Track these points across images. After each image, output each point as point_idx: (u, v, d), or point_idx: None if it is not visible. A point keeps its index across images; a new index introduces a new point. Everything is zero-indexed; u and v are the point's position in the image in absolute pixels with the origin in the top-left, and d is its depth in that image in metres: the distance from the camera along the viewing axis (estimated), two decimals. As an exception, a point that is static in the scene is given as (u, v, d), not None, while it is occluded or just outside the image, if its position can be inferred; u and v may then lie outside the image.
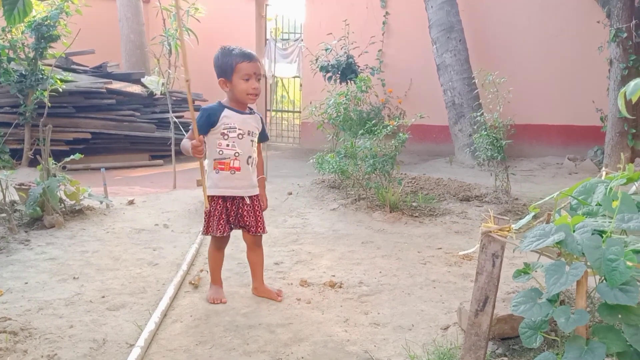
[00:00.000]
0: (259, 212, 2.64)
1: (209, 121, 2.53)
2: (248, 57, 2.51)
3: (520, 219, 1.59)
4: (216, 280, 2.69)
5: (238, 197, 2.58)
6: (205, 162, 2.59)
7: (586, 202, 1.56)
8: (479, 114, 5.05)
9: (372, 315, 2.51)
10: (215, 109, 2.55)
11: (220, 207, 2.57)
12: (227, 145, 2.53)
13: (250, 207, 2.61)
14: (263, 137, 2.72)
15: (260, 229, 2.66)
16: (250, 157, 2.58)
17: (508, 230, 1.60)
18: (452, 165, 7.55)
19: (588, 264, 1.30)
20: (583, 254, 1.30)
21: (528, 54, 8.23)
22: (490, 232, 1.58)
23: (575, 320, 1.28)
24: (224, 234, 2.58)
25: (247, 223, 2.61)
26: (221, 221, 2.56)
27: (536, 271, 1.52)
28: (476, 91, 7.12)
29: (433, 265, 3.22)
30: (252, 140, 2.60)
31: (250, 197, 2.60)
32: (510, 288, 2.67)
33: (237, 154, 2.53)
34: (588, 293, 1.37)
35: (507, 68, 7.04)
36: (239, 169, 2.54)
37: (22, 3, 2.09)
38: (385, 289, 2.84)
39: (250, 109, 2.65)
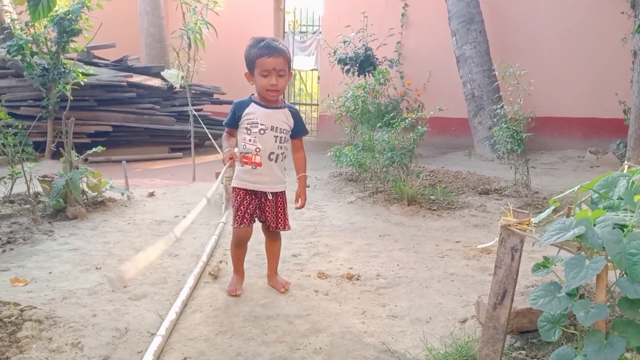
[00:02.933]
0: (282, 209, 2.62)
1: (234, 117, 2.55)
2: (269, 51, 2.41)
3: (540, 212, 1.58)
4: (237, 270, 2.72)
5: (260, 191, 2.57)
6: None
7: (607, 195, 1.54)
8: (499, 106, 5.00)
9: (390, 308, 2.52)
10: (243, 103, 2.55)
11: (240, 198, 2.57)
12: (250, 140, 2.51)
13: (272, 204, 2.59)
14: (299, 131, 2.64)
15: (281, 226, 2.64)
16: (272, 152, 2.53)
17: (527, 224, 1.59)
18: (471, 158, 7.49)
19: (608, 258, 1.29)
20: (603, 248, 1.29)
21: (550, 46, 8.09)
22: (510, 225, 1.57)
23: (595, 314, 1.27)
24: (242, 226, 2.56)
25: (268, 218, 2.61)
26: (239, 213, 2.56)
27: (555, 265, 1.51)
28: (496, 83, 7.04)
29: (451, 259, 3.21)
30: (276, 137, 2.53)
31: (273, 193, 2.58)
32: (529, 282, 2.66)
33: (258, 150, 2.50)
34: (608, 287, 1.35)
35: (528, 60, 6.96)
36: (260, 165, 2.52)
37: (46, -2, 2.13)
38: (403, 281, 2.85)
39: (283, 103, 2.60)
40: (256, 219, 2.63)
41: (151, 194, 4.83)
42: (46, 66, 6.82)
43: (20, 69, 6.93)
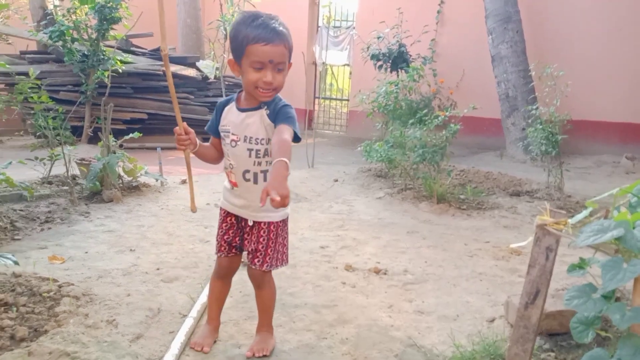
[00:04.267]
0: (264, 242, 1.93)
1: (212, 122, 2.00)
2: (267, 36, 1.73)
3: (573, 216, 1.57)
4: (210, 317, 2.12)
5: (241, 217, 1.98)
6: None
7: (648, 199, 1.51)
8: (534, 107, 4.93)
9: (417, 303, 2.52)
10: (223, 103, 1.98)
11: (220, 220, 2.03)
12: (226, 154, 1.95)
13: (252, 234, 1.95)
14: (280, 119, 1.80)
15: (258, 262, 1.94)
16: (247, 171, 1.88)
17: (564, 224, 1.58)
18: (503, 159, 7.39)
19: (647, 261, 1.27)
20: (643, 251, 1.27)
21: (588, 47, 7.90)
22: (546, 224, 1.56)
23: (631, 317, 1.26)
24: (220, 254, 2.03)
25: (247, 249, 1.98)
26: (217, 238, 2.04)
27: (591, 267, 1.50)
28: (532, 84, 6.91)
29: (480, 258, 3.20)
30: (250, 150, 1.85)
31: (254, 221, 1.94)
32: (559, 285, 2.63)
33: (231, 166, 1.92)
34: (646, 291, 1.34)
35: (565, 61, 6.80)
36: (236, 185, 1.93)
37: (94, -15, 2.19)
38: (431, 278, 2.85)
39: (268, 101, 1.86)
40: (239, 249, 2.04)
41: (184, 181, 4.92)
42: (86, 52, 7.00)
43: (61, 55, 7.13)
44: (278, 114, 1.81)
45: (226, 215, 2.00)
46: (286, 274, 2.80)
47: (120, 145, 4.52)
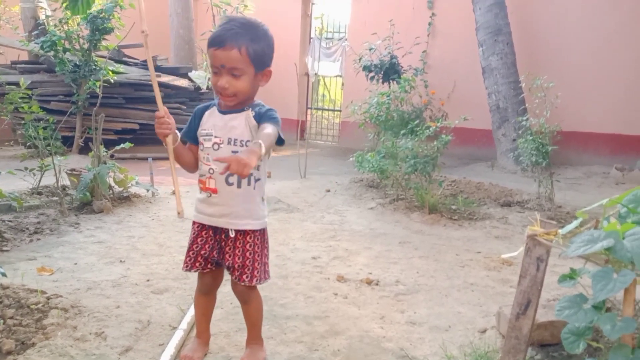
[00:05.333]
0: (250, 254, 1.87)
1: (189, 126, 1.94)
2: (214, 41, 1.74)
3: (563, 226, 1.58)
4: (199, 331, 2.07)
5: (220, 227, 1.89)
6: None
7: (636, 210, 1.53)
8: (524, 118, 4.97)
9: (409, 314, 2.51)
10: (202, 108, 1.94)
11: (194, 235, 1.94)
12: (203, 158, 1.87)
13: (235, 245, 1.87)
14: (265, 119, 1.78)
15: (247, 277, 1.87)
16: (232, 174, 1.80)
17: (554, 235, 1.58)
18: (494, 169, 7.43)
19: (637, 271, 1.28)
20: (632, 261, 1.28)
21: (578, 59, 8.00)
22: (536, 235, 1.57)
23: (622, 327, 1.26)
24: (193, 270, 1.95)
25: (229, 264, 1.89)
26: (190, 253, 1.94)
27: (581, 277, 1.50)
28: (522, 95, 6.98)
29: (471, 269, 3.20)
30: (235, 152, 1.77)
31: (236, 230, 1.86)
32: (550, 295, 2.63)
33: (211, 171, 1.84)
34: (636, 301, 1.34)
35: (555, 73, 6.87)
36: (215, 191, 1.85)
37: (86, -5, 2.20)
38: (422, 289, 2.84)
39: (252, 104, 1.84)
40: (215, 263, 1.96)
41: (174, 192, 4.89)
42: (78, 63, 6.99)
43: (53, 65, 7.11)
44: (263, 116, 1.79)
45: (201, 229, 1.92)
46: (278, 285, 2.79)
47: (111, 156, 4.50)
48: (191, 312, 2.30)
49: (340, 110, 10.47)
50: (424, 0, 8.93)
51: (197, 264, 1.94)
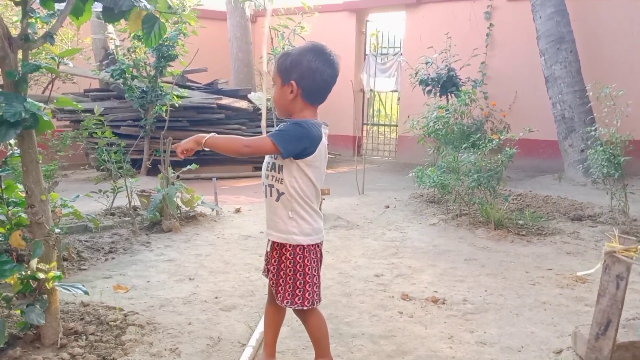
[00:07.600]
0: (283, 274, 1.86)
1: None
2: None
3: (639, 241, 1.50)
4: (265, 345, 2.07)
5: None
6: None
7: None
8: (593, 128, 4.76)
9: (478, 334, 2.45)
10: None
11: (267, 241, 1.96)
12: None
13: (272, 258, 1.90)
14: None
15: (280, 297, 1.87)
16: (271, 186, 1.86)
17: (634, 251, 1.51)
18: (561, 182, 7.13)
19: None
20: None
21: (648, 65, 7.59)
22: (615, 252, 1.50)
23: None
24: (263, 273, 2.01)
25: (269, 278, 1.94)
26: (265, 258, 2.01)
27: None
28: (589, 105, 6.69)
29: (543, 287, 3.07)
30: (268, 163, 1.88)
31: (273, 242, 1.90)
32: (630, 314, 2.50)
33: (263, 181, 1.94)
34: None
35: (622, 80, 6.54)
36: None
37: (157, 26, 2.32)
38: (492, 308, 2.76)
39: (292, 120, 1.88)
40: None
41: (238, 210, 5.03)
42: (145, 89, 7.36)
43: (122, 92, 7.53)
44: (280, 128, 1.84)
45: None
46: (342, 303, 2.79)
47: (177, 177, 4.69)
48: (259, 329, 2.35)
49: (396, 125, 10.42)
50: (481, 12, 8.80)
51: (264, 270, 2.00)
